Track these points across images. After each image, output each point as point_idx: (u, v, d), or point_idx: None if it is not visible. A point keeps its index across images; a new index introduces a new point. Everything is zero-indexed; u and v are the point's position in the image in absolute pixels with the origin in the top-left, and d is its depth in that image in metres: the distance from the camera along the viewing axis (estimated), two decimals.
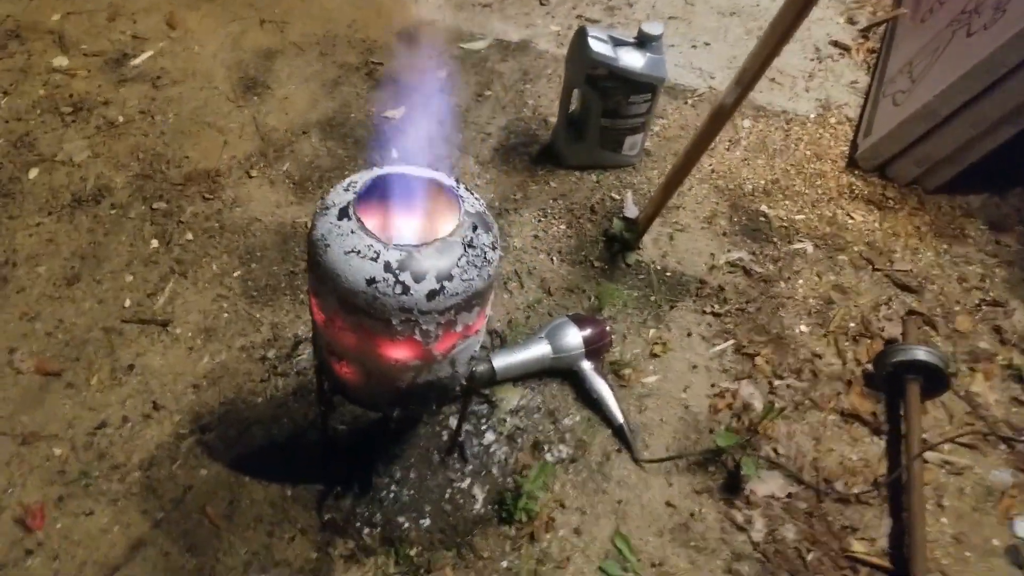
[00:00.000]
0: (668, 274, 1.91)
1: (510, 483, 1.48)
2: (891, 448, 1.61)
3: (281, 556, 1.34)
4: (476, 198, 1.18)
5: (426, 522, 1.41)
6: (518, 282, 1.85)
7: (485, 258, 1.10)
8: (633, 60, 1.87)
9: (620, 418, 1.58)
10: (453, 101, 2.32)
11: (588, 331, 1.64)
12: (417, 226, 1.21)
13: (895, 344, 1.74)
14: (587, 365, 1.64)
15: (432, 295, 1.04)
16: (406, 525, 1.40)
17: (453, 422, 1.54)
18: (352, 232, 1.06)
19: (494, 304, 1.79)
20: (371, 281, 1.03)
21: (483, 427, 1.56)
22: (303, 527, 1.38)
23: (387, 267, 1.03)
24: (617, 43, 1.87)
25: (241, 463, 1.45)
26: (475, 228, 1.11)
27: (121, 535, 1.34)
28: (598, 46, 1.84)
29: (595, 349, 1.65)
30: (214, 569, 1.31)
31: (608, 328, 1.68)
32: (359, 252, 1.05)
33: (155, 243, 1.81)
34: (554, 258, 1.92)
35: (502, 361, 1.59)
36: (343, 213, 1.09)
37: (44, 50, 2.27)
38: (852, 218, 2.08)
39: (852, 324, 1.83)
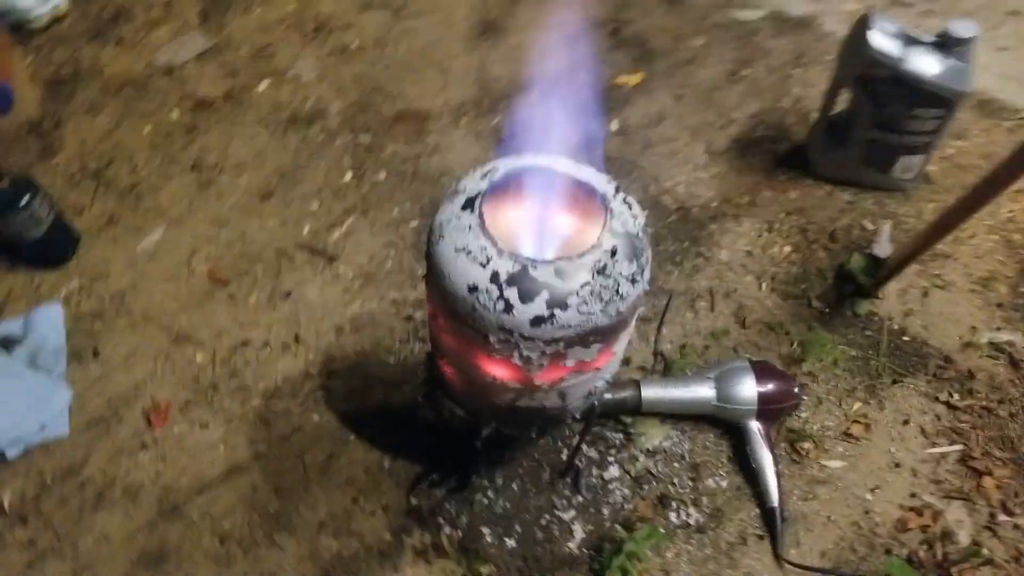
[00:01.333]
0: (905, 338, 1.52)
1: (617, 532, 1.28)
2: None
3: (357, 527, 1.28)
4: (634, 215, 0.96)
5: (511, 543, 1.27)
6: (709, 302, 1.59)
7: (617, 291, 0.89)
8: (926, 64, 1.46)
9: (775, 499, 1.30)
10: (700, 75, 2.03)
11: (769, 387, 1.35)
12: (553, 236, 1.03)
13: None
14: (755, 426, 1.36)
15: (537, 321, 0.87)
16: (489, 539, 1.27)
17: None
18: (469, 227, 0.91)
19: (670, 322, 1.55)
20: (473, 288, 0.88)
21: (610, 458, 1.37)
22: (387, 504, 1.30)
23: (494, 277, 0.87)
24: (908, 40, 1.47)
25: (353, 419, 1.40)
26: (614, 253, 0.90)
27: (223, 456, 1.36)
28: (880, 40, 1.45)
29: (772, 410, 1.36)
30: (291, 518, 1.29)
31: (797, 390, 1.37)
32: (469, 252, 0.89)
33: (349, 175, 1.80)
34: (764, 284, 1.62)
35: (653, 392, 1.37)
36: (468, 203, 0.94)
37: None
38: None
39: None
